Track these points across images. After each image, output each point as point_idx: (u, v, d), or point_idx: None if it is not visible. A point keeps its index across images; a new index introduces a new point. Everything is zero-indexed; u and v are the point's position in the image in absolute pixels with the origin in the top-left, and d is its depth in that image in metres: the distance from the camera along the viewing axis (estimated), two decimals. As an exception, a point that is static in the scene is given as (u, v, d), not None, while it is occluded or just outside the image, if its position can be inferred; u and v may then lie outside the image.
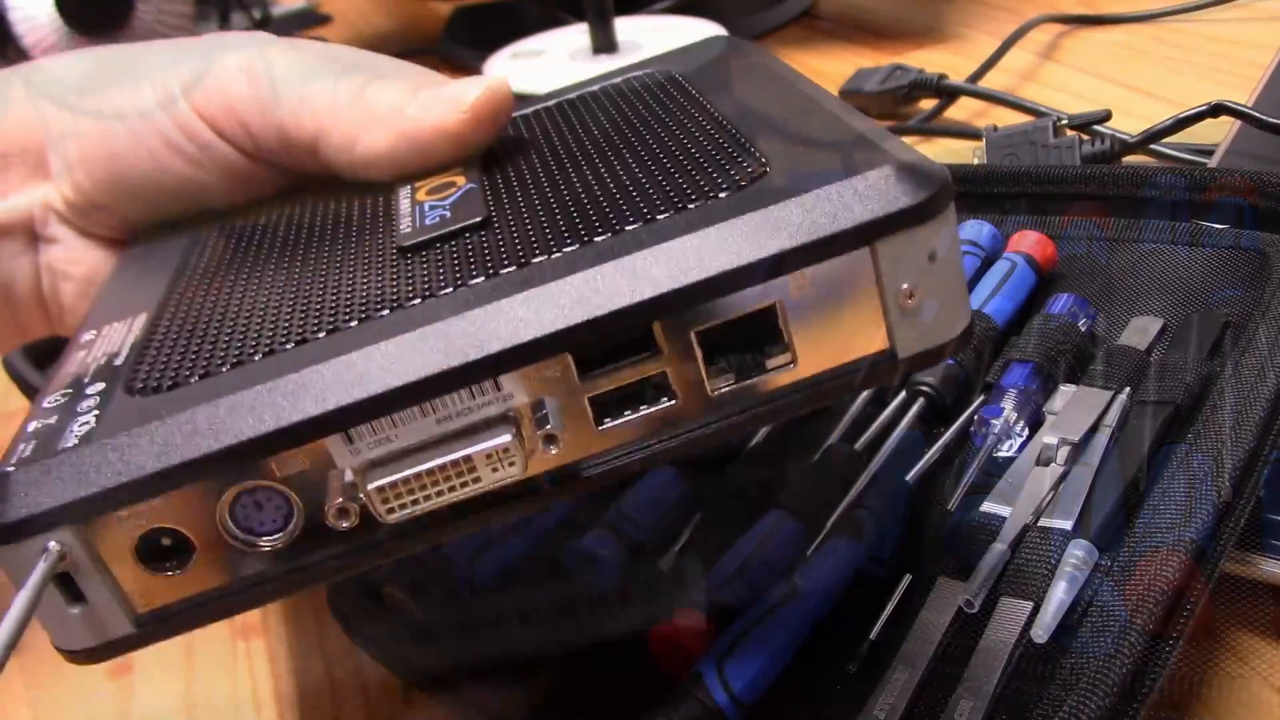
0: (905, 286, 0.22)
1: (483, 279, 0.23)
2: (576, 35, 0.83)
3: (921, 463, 0.35)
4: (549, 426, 0.22)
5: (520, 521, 0.36)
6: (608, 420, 0.22)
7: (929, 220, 0.21)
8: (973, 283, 0.41)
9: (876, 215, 0.21)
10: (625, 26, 0.83)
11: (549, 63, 0.81)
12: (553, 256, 0.23)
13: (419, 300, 0.23)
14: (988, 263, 0.42)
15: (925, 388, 0.37)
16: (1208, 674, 0.31)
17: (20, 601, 0.20)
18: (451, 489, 0.22)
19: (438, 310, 0.22)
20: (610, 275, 0.21)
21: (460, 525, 0.23)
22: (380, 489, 0.21)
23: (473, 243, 0.25)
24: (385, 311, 0.23)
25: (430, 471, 0.22)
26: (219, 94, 0.31)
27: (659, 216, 0.23)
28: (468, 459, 0.22)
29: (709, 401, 0.23)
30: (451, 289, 0.23)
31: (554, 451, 0.22)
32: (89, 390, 0.24)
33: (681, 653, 0.30)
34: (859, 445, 0.37)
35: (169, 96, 0.32)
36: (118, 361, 0.25)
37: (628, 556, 0.35)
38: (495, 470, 0.22)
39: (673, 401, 0.22)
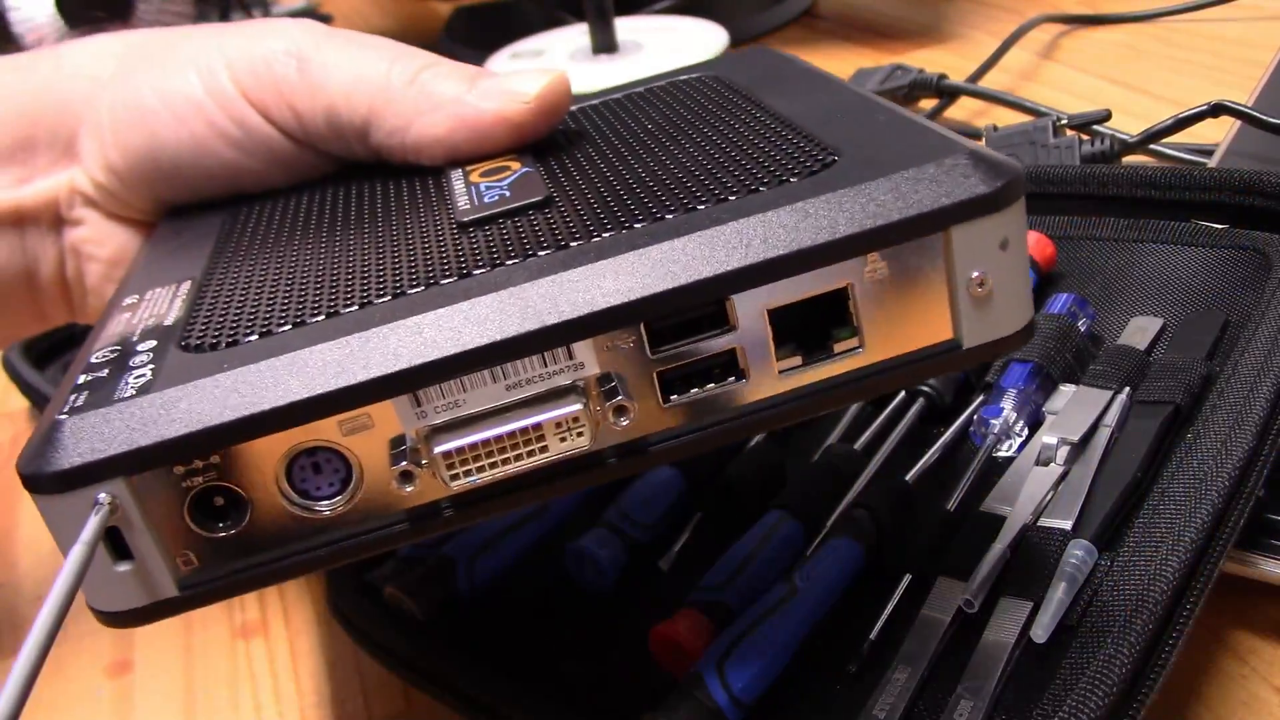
0: (976, 275, 0.22)
1: (551, 250, 0.23)
2: (576, 35, 0.83)
3: (921, 463, 0.35)
4: (619, 398, 0.21)
5: (520, 521, 0.36)
6: (674, 396, 0.22)
7: (1004, 208, 0.21)
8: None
9: (954, 200, 0.21)
10: (625, 26, 0.83)
11: (548, 63, 0.81)
12: (623, 231, 0.23)
13: (486, 268, 0.23)
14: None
15: (925, 388, 0.37)
16: (1208, 674, 0.31)
17: (75, 554, 0.19)
18: (519, 457, 0.21)
19: (509, 277, 0.22)
20: (688, 248, 0.21)
21: (523, 495, 0.22)
22: (447, 454, 0.21)
23: (536, 219, 0.25)
24: (452, 278, 0.23)
25: (499, 438, 0.21)
26: (267, 76, 0.31)
27: (730, 197, 0.23)
28: (537, 427, 0.21)
29: (774, 382, 0.22)
30: (519, 259, 0.23)
31: (624, 424, 0.21)
32: (140, 347, 0.23)
33: (681, 653, 0.30)
34: (859, 445, 0.37)
35: (214, 79, 0.31)
36: (168, 321, 0.24)
37: (628, 556, 0.35)
38: (564, 440, 0.21)
39: (740, 380, 0.22)
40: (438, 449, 0.21)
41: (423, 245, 0.25)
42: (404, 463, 0.21)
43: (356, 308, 0.22)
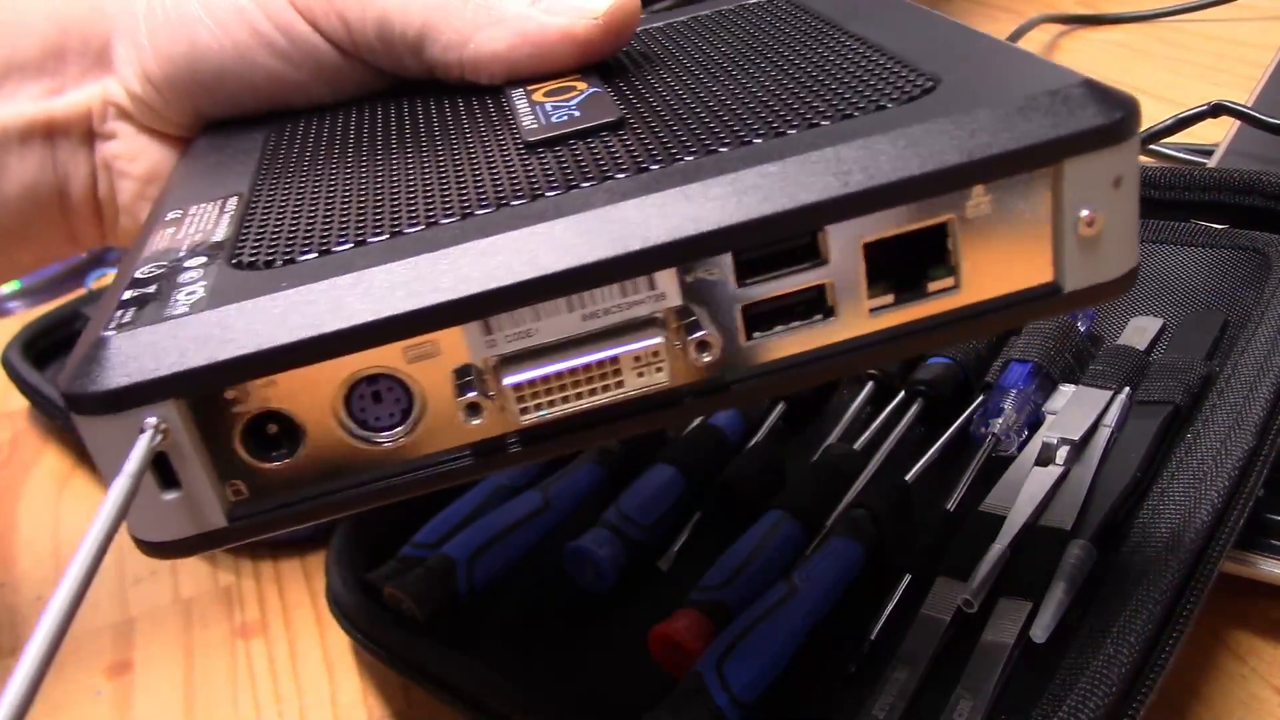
0: (1086, 213, 0.20)
1: (629, 173, 0.21)
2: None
3: (921, 463, 0.35)
4: (702, 333, 0.20)
5: (520, 521, 0.36)
6: (758, 334, 0.21)
7: (1120, 142, 0.20)
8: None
9: (1069, 131, 0.20)
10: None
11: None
12: (708, 155, 0.21)
13: (560, 190, 0.21)
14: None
15: (925, 388, 0.37)
16: (1208, 674, 0.31)
17: (120, 481, 0.18)
18: (593, 392, 0.20)
19: (586, 200, 0.20)
20: (783, 173, 0.20)
21: (596, 433, 0.21)
22: (518, 386, 0.20)
23: (611, 140, 0.23)
24: (523, 199, 0.21)
25: (573, 370, 0.20)
26: None
27: (822, 122, 0.21)
28: (614, 360, 0.20)
29: (864, 321, 0.21)
30: (595, 181, 0.21)
31: (705, 360, 0.20)
32: (189, 263, 0.22)
33: (681, 653, 0.30)
34: (858, 445, 0.37)
35: None
36: (216, 237, 0.23)
37: (627, 556, 0.35)
38: (641, 375, 0.20)
39: (828, 318, 0.21)
40: (507, 381, 0.20)
41: (489, 164, 0.23)
42: (471, 393, 0.19)
43: (422, 227, 0.21)
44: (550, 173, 0.22)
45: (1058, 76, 0.21)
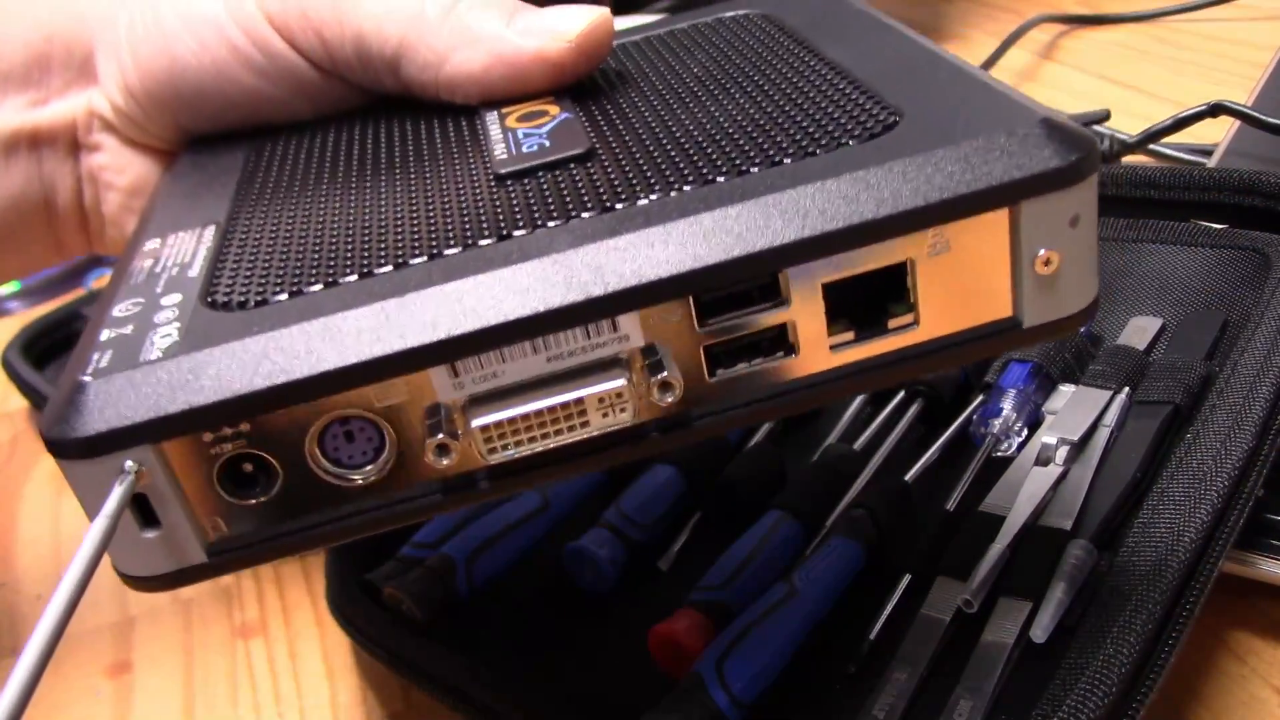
0: (1043, 252, 0.21)
1: (595, 213, 0.22)
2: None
3: (921, 463, 0.35)
4: (664, 374, 0.20)
5: (520, 521, 0.36)
6: (721, 370, 0.21)
7: (1077, 183, 0.20)
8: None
9: (1026, 174, 0.20)
10: (624, 26, 0.82)
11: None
12: (671, 195, 0.21)
13: (526, 230, 0.22)
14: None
15: (925, 388, 0.37)
16: (1207, 674, 0.31)
17: (99, 523, 0.19)
18: (559, 432, 0.21)
19: (551, 242, 0.21)
20: (742, 217, 0.20)
21: (562, 470, 0.22)
22: (485, 428, 0.20)
23: (578, 174, 0.24)
24: (490, 239, 0.22)
25: (539, 413, 0.20)
26: (294, 1, 0.29)
27: (784, 160, 0.22)
28: (579, 402, 0.20)
29: (825, 357, 0.22)
30: (562, 220, 0.22)
31: (669, 400, 0.20)
32: (164, 301, 0.22)
33: (681, 653, 0.30)
34: (858, 445, 0.37)
35: (239, 2, 0.30)
36: (192, 272, 0.23)
37: (627, 556, 0.35)
38: (605, 416, 0.21)
39: (790, 355, 0.21)
40: (475, 423, 0.20)
41: (459, 199, 0.24)
42: (440, 435, 0.20)
43: (391, 268, 0.22)
44: (518, 210, 0.23)
45: (1017, 115, 0.21)
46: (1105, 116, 0.52)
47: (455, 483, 0.22)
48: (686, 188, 0.22)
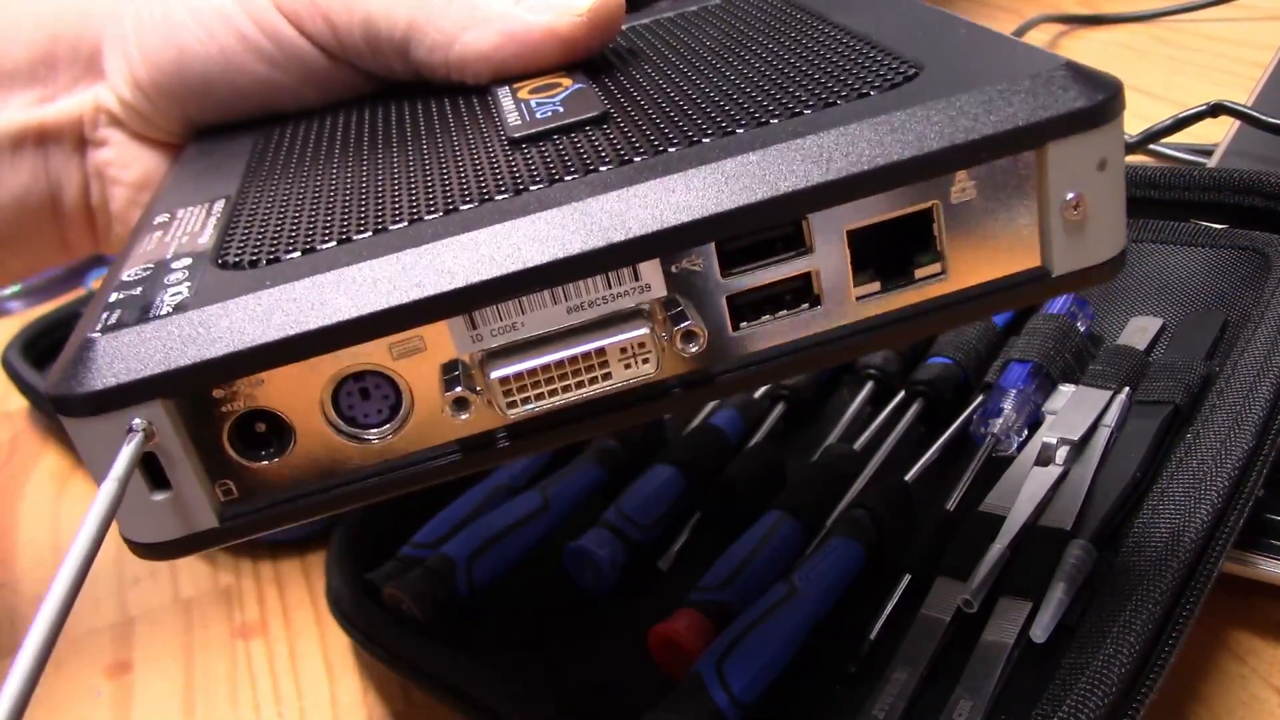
0: (1071, 196, 0.20)
1: (613, 165, 0.21)
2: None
3: (921, 463, 0.35)
4: (687, 323, 0.20)
5: (520, 521, 0.36)
6: (744, 324, 0.21)
7: (1104, 124, 0.20)
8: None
9: (1052, 114, 0.20)
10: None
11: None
12: (691, 146, 0.21)
13: (544, 184, 0.21)
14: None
15: (925, 388, 0.37)
16: (1207, 674, 0.31)
17: (110, 480, 0.18)
18: (580, 385, 0.20)
19: (569, 192, 0.20)
20: (764, 162, 0.20)
21: (584, 426, 0.21)
22: (504, 379, 0.20)
23: (595, 135, 0.23)
24: (506, 194, 0.21)
25: (560, 363, 0.20)
26: None
27: (805, 111, 0.21)
28: (600, 352, 0.20)
29: (851, 309, 0.21)
30: (579, 174, 0.21)
31: (692, 350, 0.20)
32: (175, 265, 0.22)
33: (681, 653, 0.30)
34: (858, 445, 0.37)
35: None
36: (202, 239, 0.23)
37: (627, 556, 0.35)
38: (628, 367, 0.20)
39: (814, 307, 0.21)
40: (494, 374, 0.20)
41: (473, 161, 0.24)
42: (458, 389, 0.20)
43: (406, 224, 0.21)
44: (534, 167, 0.22)
45: (1040, 60, 0.21)
46: (1105, 116, 0.52)
47: (474, 441, 0.21)
48: (706, 140, 0.21)
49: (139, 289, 0.21)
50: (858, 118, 0.20)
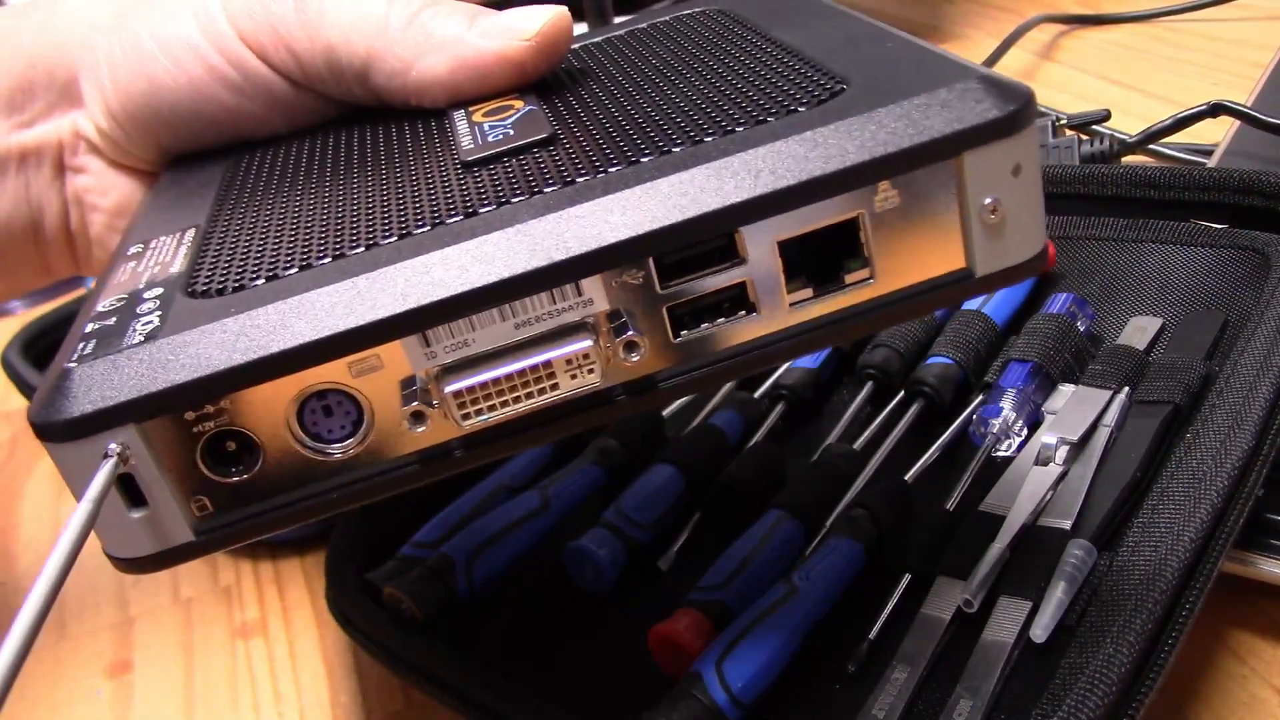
0: (988, 201, 0.22)
1: (557, 187, 0.22)
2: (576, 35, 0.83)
3: (921, 463, 0.35)
4: (629, 334, 0.21)
5: (520, 521, 0.36)
6: (684, 331, 0.22)
7: (1015, 133, 0.21)
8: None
9: (965, 126, 0.21)
10: (625, 26, 0.82)
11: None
12: (630, 166, 0.22)
13: (493, 206, 0.22)
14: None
15: (925, 388, 0.37)
16: (1207, 674, 0.31)
17: (85, 501, 0.19)
18: (530, 396, 0.21)
19: (515, 214, 0.22)
20: (698, 179, 0.21)
21: (534, 435, 0.22)
22: (457, 393, 0.21)
23: (542, 156, 0.24)
24: (458, 217, 0.22)
25: (509, 376, 0.21)
26: (263, 17, 0.30)
27: (738, 129, 0.22)
28: (548, 364, 0.21)
29: (785, 315, 0.22)
30: (526, 196, 0.22)
31: (634, 359, 0.21)
32: (146, 295, 0.23)
33: (681, 652, 0.30)
34: (858, 445, 0.37)
35: (211, 21, 0.31)
36: (174, 269, 0.24)
37: (627, 556, 0.35)
38: (574, 378, 0.21)
39: (751, 314, 0.22)
40: (448, 389, 0.21)
41: (427, 186, 0.25)
42: (415, 403, 0.21)
43: (363, 249, 0.22)
44: (484, 190, 0.23)
45: (957, 72, 0.22)
46: (1105, 116, 0.52)
47: (432, 452, 0.22)
48: (645, 159, 0.22)
49: (113, 319, 0.22)
50: (786, 134, 0.21)
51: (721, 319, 0.22)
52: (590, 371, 0.21)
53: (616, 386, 0.22)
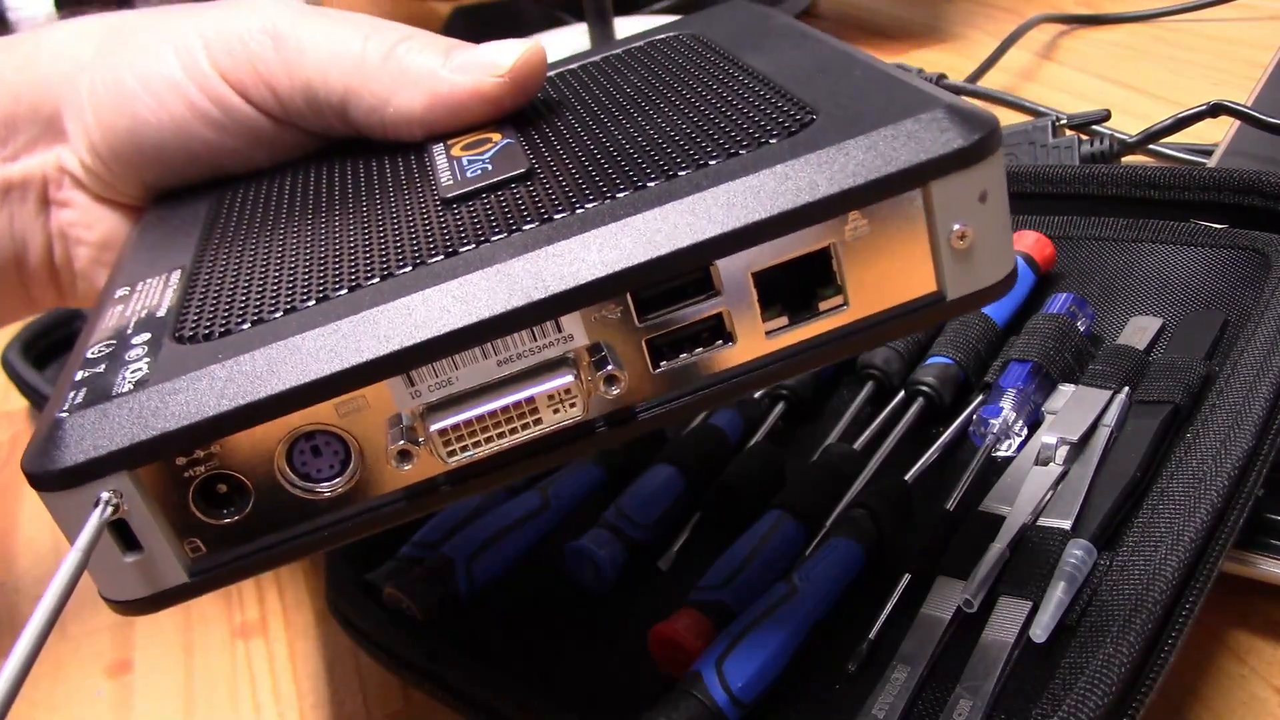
0: (957, 228, 0.22)
1: (535, 224, 0.23)
2: (575, 35, 0.83)
3: (921, 463, 0.35)
4: (609, 368, 0.22)
5: (519, 521, 0.36)
6: (663, 362, 0.23)
7: (981, 161, 0.22)
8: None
9: (931, 156, 0.21)
10: (625, 27, 0.83)
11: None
12: (606, 202, 0.23)
13: (472, 245, 0.23)
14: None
15: (925, 388, 0.37)
16: (1207, 674, 0.31)
17: (75, 550, 0.20)
18: (513, 431, 0.22)
19: (494, 253, 0.22)
20: (671, 215, 0.21)
21: (519, 468, 0.23)
22: (443, 431, 0.21)
23: (519, 192, 0.25)
24: (439, 257, 0.23)
25: (493, 413, 0.22)
26: (243, 54, 0.31)
27: (710, 162, 0.23)
28: (530, 400, 0.22)
29: (762, 343, 0.23)
30: (505, 234, 0.23)
31: (615, 392, 0.22)
32: (134, 340, 0.24)
33: (681, 652, 0.30)
34: (858, 445, 0.37)
35: (192, 59, 0.31)
36: (160, 313, 0.25)
37: (627, 556, 0.35)
38: (556, 412, 0.22)
39: (728, 343, 0.23)
40: (433, 427, 0.21)
41: (408, 224, 0.25)
42: (401, 441, 0.21)
43: (346, 291, 0.23)
44: (464, 228, 0.24)
45: (923, 103, 0.22)
46: (1105, 116, 0.52)
47: (418, 488, 0.23)
48: (621, 194, 0.23)
49: (103, 365, 0.23)
50: (757, 168, 0.22)
51: (700, 349, 0.23)
52: (572, 405, 0.22)
53: (598, 418, 0.23)
